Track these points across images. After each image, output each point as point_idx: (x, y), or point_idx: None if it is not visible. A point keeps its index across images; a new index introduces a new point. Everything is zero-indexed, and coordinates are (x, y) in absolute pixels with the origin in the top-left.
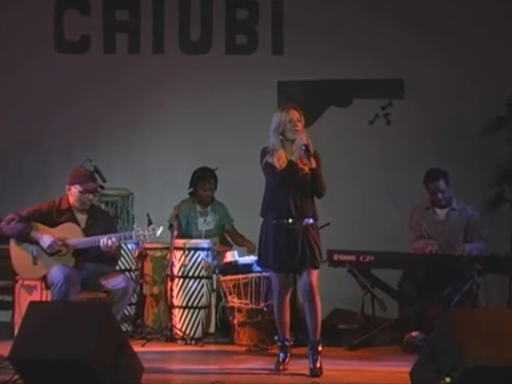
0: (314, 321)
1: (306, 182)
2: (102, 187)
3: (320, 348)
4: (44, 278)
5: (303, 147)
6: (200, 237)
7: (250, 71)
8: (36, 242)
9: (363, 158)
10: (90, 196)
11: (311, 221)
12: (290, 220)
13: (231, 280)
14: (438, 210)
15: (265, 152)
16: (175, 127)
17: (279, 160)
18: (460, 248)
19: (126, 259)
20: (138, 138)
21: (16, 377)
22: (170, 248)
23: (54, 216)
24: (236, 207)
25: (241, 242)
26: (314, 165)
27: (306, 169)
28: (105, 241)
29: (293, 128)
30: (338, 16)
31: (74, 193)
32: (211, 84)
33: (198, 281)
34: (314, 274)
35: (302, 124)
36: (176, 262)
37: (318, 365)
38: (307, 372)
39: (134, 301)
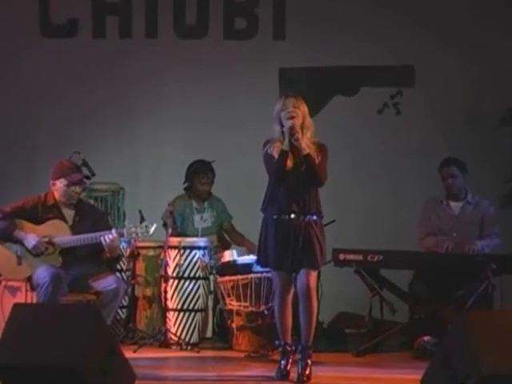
0: (308, 323)
1: (304, 172)
2: (89, 177)
3: (311, 353)
4: (29, 279)
5: (288, 130)
6: (196, 235)
7: (249, 57)
8: (20, 242)
9: (371, 150)
10: (77, 188)
11: (315, 217)
12: (292, 215)
13: (230, 281)
14: (452, 204)
15: (266, 143)
16: (169, 117)
17: (277, 151)
18: (470, 247)
19: None
20: (130, 130)
21: None
22: (164, 247)
23: (39, 212)
24: (234, 203)
25: (240, 242)
26: (305, 151)
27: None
28: (105, 238)
29: (286, 115)
30: None
31: (59, 187)
32: (208, 71)
33: (194, 282)
34: (312, 274)
35: (300, 111)
36: (170, 262)
37: (307, 371)
38: (294, 378)
39: (125, 303)
